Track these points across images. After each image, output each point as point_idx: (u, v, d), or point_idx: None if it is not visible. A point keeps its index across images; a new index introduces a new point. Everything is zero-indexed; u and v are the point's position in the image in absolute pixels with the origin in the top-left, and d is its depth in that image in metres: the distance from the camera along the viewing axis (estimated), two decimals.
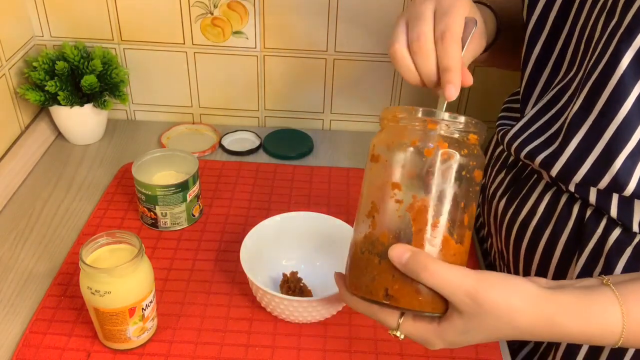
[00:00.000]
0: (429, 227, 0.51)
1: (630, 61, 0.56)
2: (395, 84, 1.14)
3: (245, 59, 1.12)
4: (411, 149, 0.52)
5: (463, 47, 0.56)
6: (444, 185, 0.51)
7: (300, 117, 1.19)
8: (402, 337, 0.55)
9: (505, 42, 0.74)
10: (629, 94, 0.57)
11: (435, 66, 0.56)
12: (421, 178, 0.51)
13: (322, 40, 1.09)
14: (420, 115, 0.52)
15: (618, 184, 0.60)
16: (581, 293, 0.52)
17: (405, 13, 0.59)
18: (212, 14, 1.07)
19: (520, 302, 0.51)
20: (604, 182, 0.60)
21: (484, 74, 1.09)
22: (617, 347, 0.52)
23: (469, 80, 0.57)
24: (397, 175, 0.52)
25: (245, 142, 1.13)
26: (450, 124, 0.52)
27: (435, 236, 0.51)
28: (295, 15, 1.07)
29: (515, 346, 0.78)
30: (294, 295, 0.77)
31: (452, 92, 0.54)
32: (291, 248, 0.84)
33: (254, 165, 1.07)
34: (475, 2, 0.71)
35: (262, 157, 1.10)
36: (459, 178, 0.52)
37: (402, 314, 0.54)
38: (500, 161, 0.79)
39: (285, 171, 1.06)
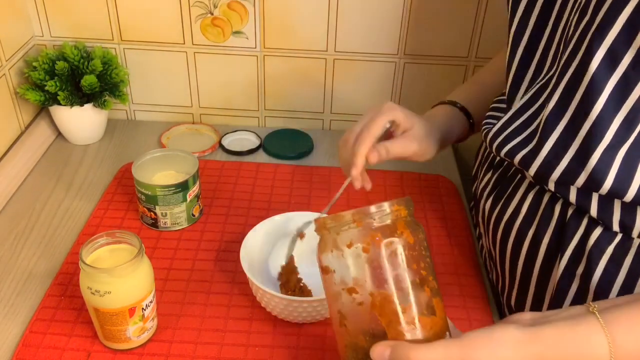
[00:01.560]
0: (398, 316, 0.52)
1: (602, 59, 0.56)
2: (395, 84, 1.14)
3: (245, 59, 1.12)
4: (349, 252, 0.53)
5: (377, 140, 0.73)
6: (394, 272, 0.52)
7: (300, 117, 1.19)
8: None
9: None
10: (602, 92, 0.57)
11: (349, 154, 0.74)
12: (370, 275, 0.52)
13: (322, 40, 1.09)
14: (346, 218, 0.54)
15: (594, 182, 0.60)
16: (565, 325, 0.52)
17: None
18: (212, 14, 1.07)
19: (506, 352, 0.51)
20: (580, 180, 0.61)
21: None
22: None
23: (367, 185, 0.76)
24: (349, 280, 0.53)
25: (245, 142, 1.13)
26: (374, 214, 0.53)
27: (408, 321, 0.52)
28: (295, 15, 1.07)
29: None
30: (294, 295, 0.77)
31: (355, 184, 0.74)
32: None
33: (254, 165, 1.07)
34: (445, 102, 0.85)
35: (262, 157, 1.10)
36: (404, 260, 0.53)
37: None
38: (488, 161, 0.79)
39: (285, 171, 1.06)
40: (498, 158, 0.76)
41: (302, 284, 0.80)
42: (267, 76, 1.14)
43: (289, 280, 0.79)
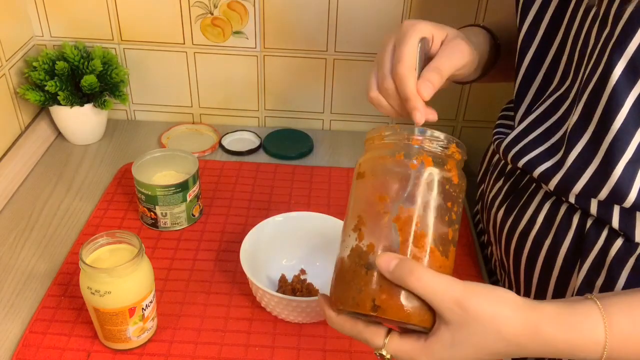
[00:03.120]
0: (415, 238, 0.52)
1: (623, 70, 0.56)
2: None
3: (245, 59, 1.12)
4: (396, 162, 0.53)
5: (420, 69, 0.60)
6: (429, 197, 0.52)
7: (300, 117, 1.19)
8: (389, 356, 0.54)
9: (510, 59, 0.74)
10: (623, 104, 0.56)
11: (399, 100, 0.61)
12: (407, 190, 0.52)
13: (322, 40, 1.09)
14: (404, 132, 0.54)
15: (617, 195, 0.59)
16: (564, 304, 0.53)
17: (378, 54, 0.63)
18: (212, 14, 1.07)
19: (505, 309, 0.51)
20: (603, 194, 0.60)
21: None
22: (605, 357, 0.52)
23: (432, 116, 0.60)
24: (384, 188, 0.53)
25: (245, 142, 1.13)
26: (432, 140, 0.54)
27: (421, 246, 0.52)
28: (295, 15, 1.07)
29: None
30: (301, 295, 0.77)
31: (417, 118, 0.59)
32: (291, 248, 0.84)
33: (254, 165, 1.07)
34: (470, 25, 0.75)
35: (262, 157, 1.10)
36: (442, 192, 0.53)
37: (388, 333, 0.54)
38: (498, 169, 0.78)
39: (285, 171, 1.06)
40: (509, 167, 0.75)
41: (308, 283, 0.80)
42: (267, 76, 1.14)
43: (294, 289, 0.79)
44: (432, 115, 0.60)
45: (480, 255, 0.90)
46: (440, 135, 0.54)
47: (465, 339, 0.50)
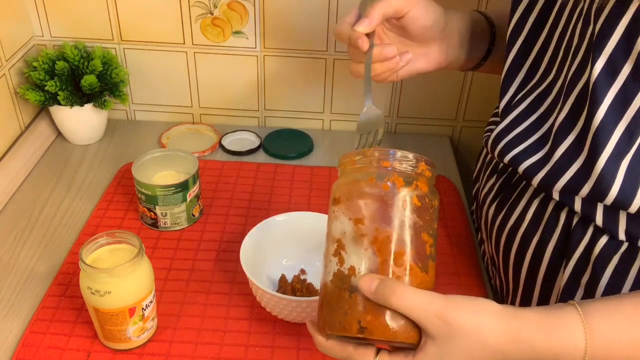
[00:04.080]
0: (394, 257, 0.53)
1: (602, 68, 0.56)
2: (395, 84, 1.14)
3: (245, 59, 1.12)
4: (369, 185, 0.54)
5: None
6: (403, 216, 0.54)
7: (300, 117, 1.19)
8: None
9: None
10: (602, 102, 0.57)
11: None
12: (381, 211, 0.54)
13: (322, 40, 1.09)
14: (375, 155, 0.56)
15: (599, 192, 0.59)
16: (545, 310, 0.53)
17: None
18: (212, 14, 1.07)
19: (487, 319, 0.52)
20: (584, 191, 0.61)
21: (483, 75, 1.09)
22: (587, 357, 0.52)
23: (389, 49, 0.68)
24: (359, 211, 0.54)
25: (245, 142, 1.13)
26: (402, 160, 0.55)
27: (401, 264, 0.53)
28: (295, 15, 1.07)
29: None
30: (301, 295, 0.77)
31: (359, 44, 0.68)
32: (291, 248, 0.84)
33: (254, 165, 1.07)
34: (473, 10, 0.78)
35: (262, 157, 1.10)
36: (416, 210, 0.54)
37: (377, 353, 0.54)
38: (491, 167, 0.78)
39: (285, 171, 1.06)
40: (502, 164, 0.75)
41: (308, 283, 0.80)
42: (267, 76, 1.14)
43: (294, 288, 0.79)
44: (389, 49, 0.69)
45: (480, 255, 0.90)
46: (409, 155, 0.55)
47: (451, 352, 0.51)
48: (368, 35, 0.69)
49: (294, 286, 0.79)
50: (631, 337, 0.53)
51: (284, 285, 0.80)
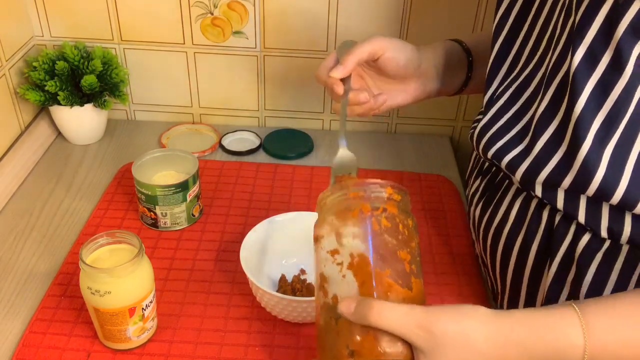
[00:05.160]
0: (371, 278, 0.54)
1: (582, 57, 0.57)
2: None
3: (245, 59, 1.12)
4: (340, 217, 0.56)
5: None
6: (375, 240, 0.55)
7: (300, 117, 1.19)
8: None
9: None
10: (582, 91, 0.57)
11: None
12: (353, 238, 0.55)
13: (322, 40, 1.09)
14: (343, 190, 0.57)
15: (581, 182, 0.60)
16: (538, 309, 0.53)
17: None
18: (212, 14, 1.07)
19: (472, 323, 0.51)
20: (567, 181, 0.61)
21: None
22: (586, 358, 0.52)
23: (362, 95, 0.74)
24: (334, 242, 0.56)
25: (245, 142, 1.13)
26: (368, 189, 0.57)
27: (379, 284, 0.54)
28: (295, 15, 1.07)
29: None
30: (301, 295, 0.77)
31: (335, 89, 0.73)
32: (291, 248, 0.84)
33: (254, 165, 1.07)
34: (450, 40, 0.83)
35: (262, 157, 1.10)
36: (386, 231, 0.55)
37: None
38: (478, 167, 0.79)
39: (285, 171, 1.06)
40: (487, 164, 0.76)
41: (308, 283, 0.80)
42: (267, 76, 1.14)
43: (294, 288, 0.79)
44: (363, 95, 0.74)
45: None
46: (377, 182, 0.57)
47: None
48: (344, 80, 0.73)
49: (294, 286, 0.79)
50: (627, 335, 0.52)
51: (284, 285, 0.80)
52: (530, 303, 0.71)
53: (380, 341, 0.52)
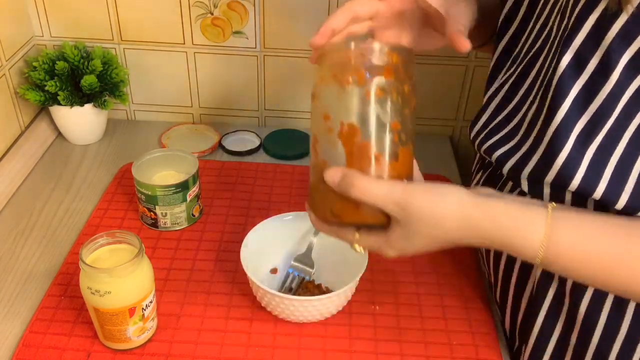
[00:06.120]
0: (358, 149, 0.55)
1: (569, 62, 0.57)
2: None
3: (245, 59, 1.12)
4: (333, 80, 0.56)
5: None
6: (367, 108, 0.55)
7: (300, 117, 1.19)
8: (361, 250, 0.60)
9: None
10: (567, 96, 0.58)
11: None
12: (345, 105, 0.55)
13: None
14: (342, 49, 0.57)
15: (563, 179, 0.60)
16: (513, 206, 0.56)
17: None
18: (212, 14, 1.07)
19: (445, 208, 0.55)
20: (550, 176, 0.61)
21: (484, 75, 1.09)
22: (539, 264, 0.56)
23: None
24: (326, 106, 0.57)
25: (245, 142, 1.13)
26: (366, 53, 0.56)
27: (366, 156, 0.55)
28: (295, 15, 1.07)
29: (515, 346, 0.78)
30: (312, 295, 0.77)
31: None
32: (291, 248, 0.84)
33: (254, 165, 1.07)
34: None
35: (262, 157, 1.10)
36: (380, 100, 0.55)
37: (358, 230, 0.59)
38: (479, 163, 0.80)
39: (285, 171, 1.06)
40: (482, 160, 0.77)
41: (308, 283, 0.81)
42: (267, 76, 1.14)
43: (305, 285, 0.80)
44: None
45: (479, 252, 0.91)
46: (374, 45, 0.56)
47: (414, 233, 0.56)
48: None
49: (294, 286, 0.79)
50: (588, 249, 0.55)
51: (284, 285, 0.80)
52: (520, 294, 0.72)
53: (360, 209, 0.56)
